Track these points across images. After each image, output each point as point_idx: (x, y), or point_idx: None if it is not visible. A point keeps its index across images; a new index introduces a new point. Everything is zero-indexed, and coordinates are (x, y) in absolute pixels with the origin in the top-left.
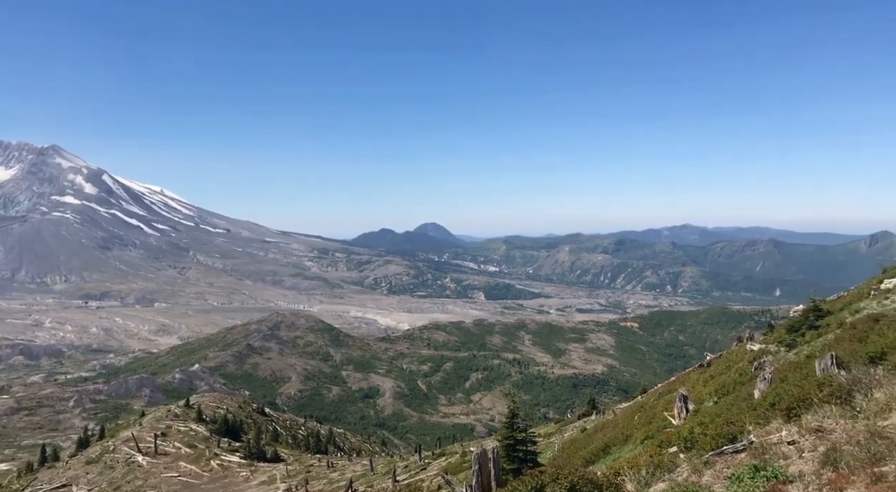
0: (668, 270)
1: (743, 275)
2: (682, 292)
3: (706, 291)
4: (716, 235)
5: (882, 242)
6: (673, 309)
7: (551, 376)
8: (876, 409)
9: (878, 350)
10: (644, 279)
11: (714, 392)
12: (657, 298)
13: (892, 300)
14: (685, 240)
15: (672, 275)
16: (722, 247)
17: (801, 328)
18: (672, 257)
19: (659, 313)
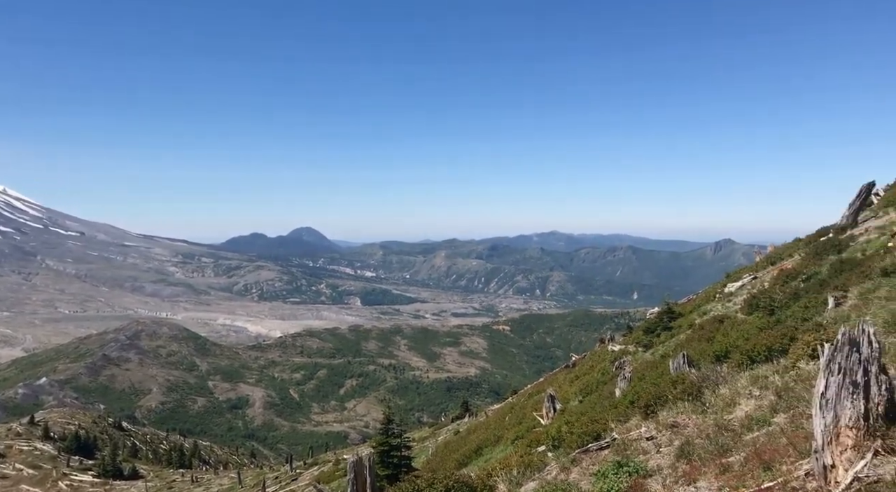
0: (537, 274)
1: (605, 279)
2: (551, 296)
3: (572, 294)
4: (581, 241)
5: (725, 249)
6: (542, 312)
7: (426, 380)
8: (722, 404)
9: (723, 349)
10: (516, 284)
11: (579, 391)
12: (528, 301)
13: (734, 303)
14: (553, 246)
15: (541, 279)
16: (586, 253)
17: (656, 329)
18: (541, 263)
19: (529, 317)
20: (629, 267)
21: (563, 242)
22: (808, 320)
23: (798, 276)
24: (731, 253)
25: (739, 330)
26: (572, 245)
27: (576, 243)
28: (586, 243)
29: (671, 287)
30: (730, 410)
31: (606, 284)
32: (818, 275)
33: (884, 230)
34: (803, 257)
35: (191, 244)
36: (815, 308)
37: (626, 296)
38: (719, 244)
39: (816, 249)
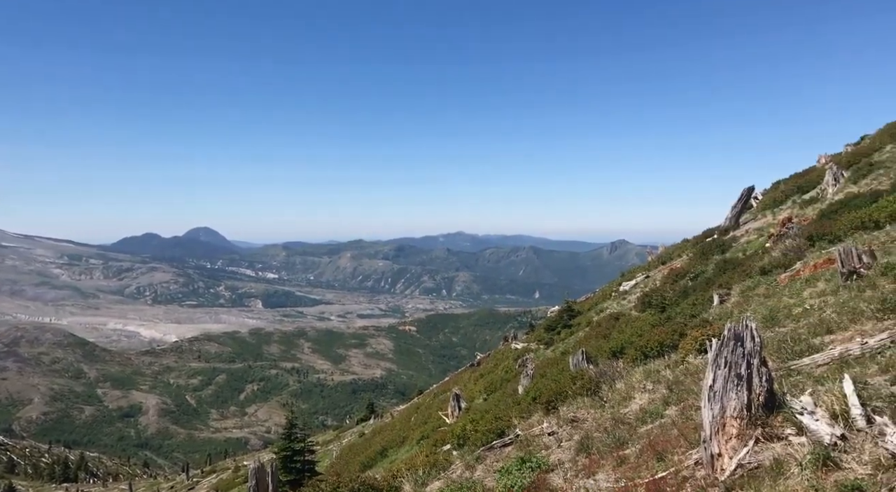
0: (443, 275)
1: (508, 279)
2: (456, 296)
3: (477, 294)
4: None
5: (620, 249)
6: (448, 312)
7: (331, 382)
8: (619, 398)
9: (618, 345)
10: (422, 284)
11: (484, 389)
12: (434, 302)
13: (628, 301)
14: (459, 247)
15: (447, 280)
16: (491, 253)
17: (557, 327)
18: (447, 263)
19: (435, 317)
20: (531, 267)
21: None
22: (695, 317)
23: (686, 275)
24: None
25: (634, 327)
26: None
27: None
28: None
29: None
30: (626, 403)
31: (510, 283)
32: (704, 274)
33: (762, 231)
34: (691, 257)
35: (77, 245)
36: (702, 305)
37: (529, 295)
38: (615, 245)
39: (703, 249)
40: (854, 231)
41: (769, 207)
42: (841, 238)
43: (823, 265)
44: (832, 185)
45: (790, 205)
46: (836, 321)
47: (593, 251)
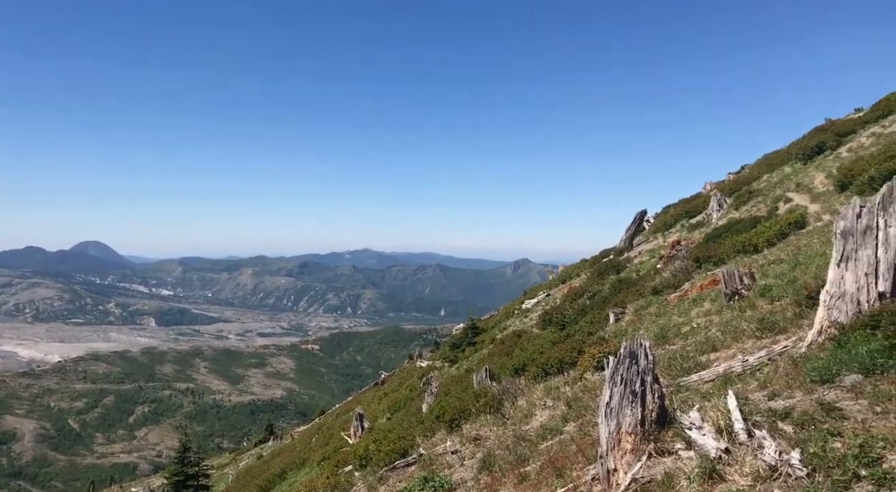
0: (349, 292)
1: (415, 296)
2: (362, 314)
3: (383, 312)
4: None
5: (523, 267)
6: (352, 330)
7: (228, 403)
8: (520, 415)
9: (521, 363)
10: (327, 302)
11: (388, 409)
12: (338, 320)
13: (530, 318)
14: (365, 263)
15: (353, 297)
16: (397, 270)
17: (461, 345)
18: (353, 280)
19: (339, 335)
20: (437, 284)
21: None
22: (593, 334)
23: (585, 293)
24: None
25: (535, 344)
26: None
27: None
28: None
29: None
30: (527, 420)
31: (416, 301)
32: (601, 293)
33: (653, 253)
34: (589, 277)
35: None
36: (599, 323)
37: (435, 312)
38: (518, 263)
39: (600, 269)
40: (736, 254)
41: (660, 230)
42: (724, 261)
43: (709, 286)
44: (716, 210)
45: (679, 228)
46: (721, 340)
47: (498, 269)
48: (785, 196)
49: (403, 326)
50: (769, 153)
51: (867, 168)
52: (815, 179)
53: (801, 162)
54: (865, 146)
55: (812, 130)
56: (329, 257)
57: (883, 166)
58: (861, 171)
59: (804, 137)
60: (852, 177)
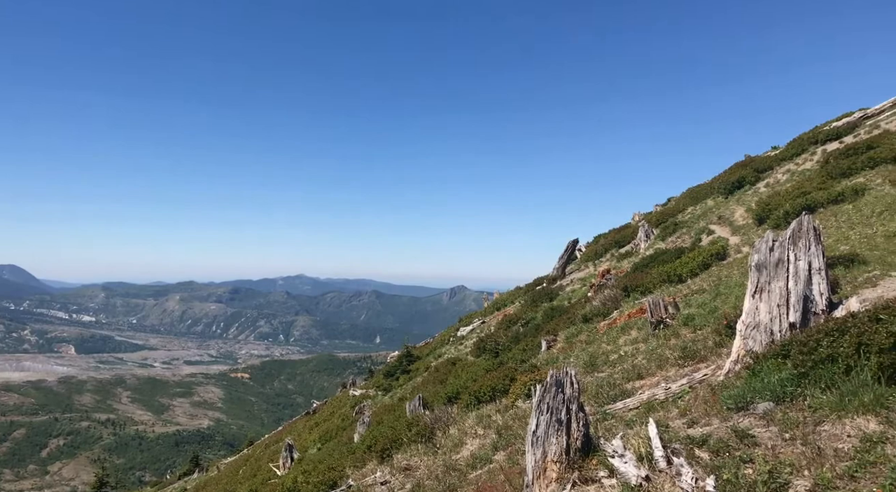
0: (281, 319)
1: (350, 323)
2: (294, 341)
3: (316, 339)
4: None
5: (459, 294)
6: (284, 358)
7: (151, 435)
8: (451, 444)
9: (454, 391)
10: (258, 329)
11: (319, 439)
12: (270, 347)
13: (465, 346)
14: (299, 290)
15: (285, 324)
16: (332, 297)
17: (396, 373)
18: (286, 307)
19: (270, 363)
20: (373, 311)
21: (309, 286)
22: (525, 362)
23: (518, 321)
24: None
25: (469, 372)
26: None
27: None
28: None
29: (411, 331)
30: (458, 449)
31: (351, 328)
32: (534, 320)
33: (585, 281)
34: (523, 304)
35: None
36: (532, 351)
37: (370, 340)
38: (454, 290)
39: (533, 297)
40: (662, 284)
41: (591, 258)
42: (651, 290)
43: (636, 314)
44: (644, 241)
45: (609, 257)
46: (646, 367)
47: (434, 296)
48: (708, 228)
49: (337, 353)
50: (694, 186)
51: (782, 203)
52: (735, 213)
53: (723, 195)
54: (781, 182)
55: (733, 165)
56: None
57: (796, 202)
58: (777, 205)
59: (726, 171)
60: (769, 211)
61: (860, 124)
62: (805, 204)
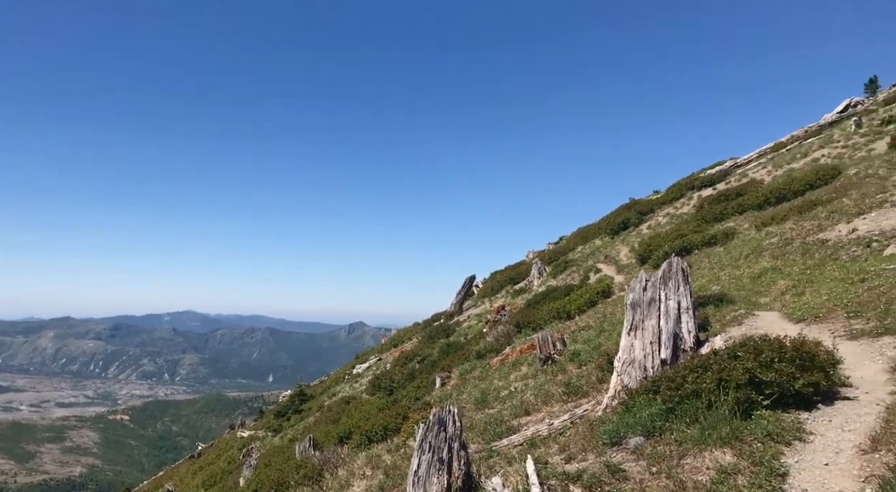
0: (167, 357)
1: (241, 361)
2: (181, 380)
3: (205, 378)
4: (218, 321)
5: (357, 330)
6: (169, 398)
7: (13, 486)
8: (338, 486)
9: (346, 430)
10: (141, 367)
11: (202, 483)
12: (153, 387)
13: (360, 384)
14: (187, 326)
15: (171, 362)
16: (223, 334)
17: (287, 413)
18: (173, 344)
19: (153, 404)
20: (266, 348)
21: (198, 322)
22: (419, 399)
23: (415, 357)
24: (363, 335)
25: (362, 411)
26: (209, 326)
27: (213, 324)
28: (224, 324)
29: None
30: (345, 491)
31: (242, 366)
32: (431, 357)
33: (481, 317)
34: (420, 340)
35: None
36: (426, 388)
37: (263, 378)
38: (352, 326)
39: (430, 333)
40: (552, 320)
41: (487, 294)
42: (542, 326)
43: (528, 350)
44: (537, 278)
45: (504, 294)
46: (533, 403)
47: (331, 332)
48: (595, 266)
49: (227, 393)
50: (584, 226)
51: (662, 244)
52: (620, 252)
53: (610, 236)
54: (662, 224)
55: (619, 207)
56: (146, 319)
57: (675, 243)
58: (658, 246)
59: (613, 213)
60: (650, 251)
61: (731, 172)
62: (682, 245)
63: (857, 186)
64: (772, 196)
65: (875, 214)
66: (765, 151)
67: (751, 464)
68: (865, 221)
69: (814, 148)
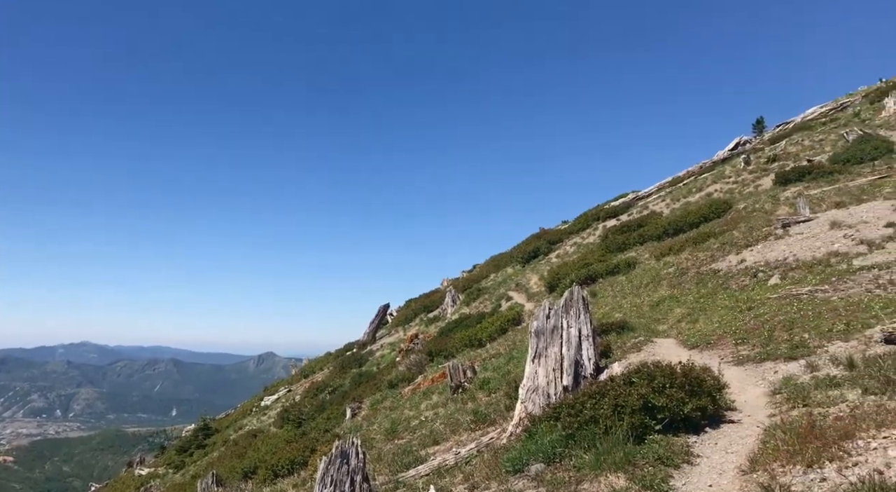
0: (59, 392)
1: (142, 395)
2: (75, 416)
3: (101, 413)
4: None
5: (267, 362)
6: (61, 436)
7: None
8: None
9: (252, 465)
10: (30, 403)
11: None
12: (43, 424)
13: (268, 416)
14: (83, 359)
15: (64, 397)
16: (122, 366)
17: (190, 448)
18: (67, 378)
19: (42, 443)
20: (170, 381)
21: (95, 354)
22: (329, 431)
23: (326, 388)
24: (273, 366)
25: (269, 444)
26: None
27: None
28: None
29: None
30: None
31: (144, 399)
32: (342, 387)
33: (394, 346)
34: (332, 371)
35: None
36: (337, 419)
37: (165, 412)
38: (262, 357)
39: (343, 363)
40: (464, 348)
41: (402, 323)
42: (454, 354)
43: (439, 379)
44: (451, 306)
45: (418, 322)
46: (442, 432)
47: (239, 363)
48: (507, 294)
49: (126, 428)
50: (496, 255)
51: (569, 273)
52: (531, 280)
53: (521, 264)
54: (569, 253)
55: (530, 236)
56: (37, 352)
57: (581, 272)
58: (565, 275)
59: (524, 242)
60: (558, 279)
61: (633, 204)
62: (588, 274)
63: (745, 219)
64: (670, 228)
65: (761, 245)
66: (664, 185)
67: (642, 488)
68: (753, 253)
69: (708, 183)
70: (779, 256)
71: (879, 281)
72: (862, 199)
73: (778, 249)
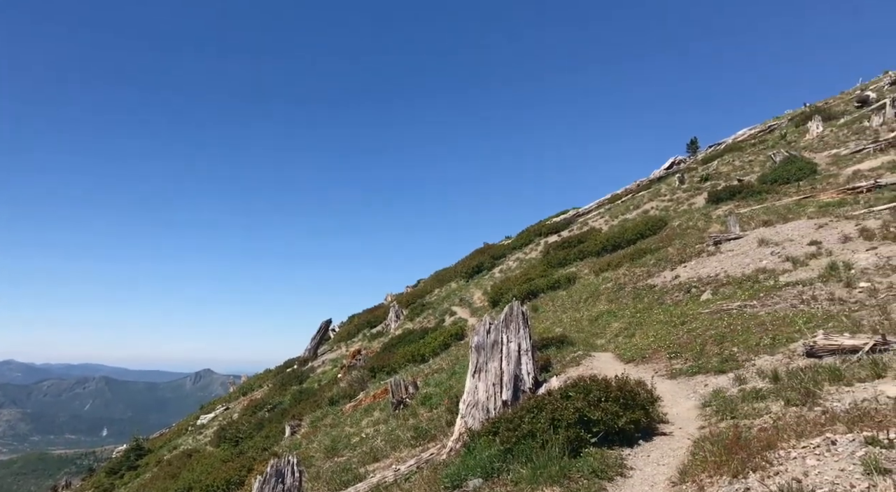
0: None
1: (70, 415)
2: None
3: (25, 435)
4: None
5: (205, 379)
6: None
7: None
8: None
9: (185, 486)
10: None
11: None
12: None
13: (205, 435)
14: (6, 377)
15: None
16: (50, 385)
17: (121, 470)
18: None
19: None
20: (101, 400)
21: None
22: (267, 449)
23: (265, 406)
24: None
25: (205, 464)
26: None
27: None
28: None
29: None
30: None
31: (72, 420)
32: (282, 404)
33: (336, 362)
34: (271, 388)
35: None
36: (276, 437)
37: (96, 433)
38: (199, 374)
39: (282, 379)
40: (407, 363)
41: (344, 339)
42: (396, 370)
43: (381, 395)
44: (395, 321)
45: (361, 337)
46: (382, 449)
47: (175, 381)
48: (451, 309)
49: (52, 450)
50: (440, 270)
51: (512, 287)
52: (474, 295)
53: (465, 279)
54: (512, 269)
55: (474, 251)
56: None
57: (523, 287)
58: (507, 290)
59: (468, 257)
60: (501, 294)
61: (574, 221)
62: (530, 289)
63: (680, 236)
64: (608, 244)
65: (694, 262)
66: (603, 202)
67: None
68: (686, 269)
69: (645, 200)
70: (711, 273)
71: (803, 297)
72: (788, 218)
73: (710, 266)
